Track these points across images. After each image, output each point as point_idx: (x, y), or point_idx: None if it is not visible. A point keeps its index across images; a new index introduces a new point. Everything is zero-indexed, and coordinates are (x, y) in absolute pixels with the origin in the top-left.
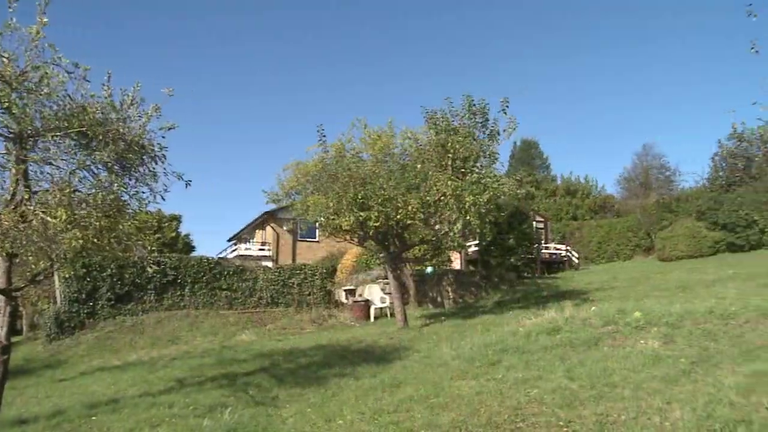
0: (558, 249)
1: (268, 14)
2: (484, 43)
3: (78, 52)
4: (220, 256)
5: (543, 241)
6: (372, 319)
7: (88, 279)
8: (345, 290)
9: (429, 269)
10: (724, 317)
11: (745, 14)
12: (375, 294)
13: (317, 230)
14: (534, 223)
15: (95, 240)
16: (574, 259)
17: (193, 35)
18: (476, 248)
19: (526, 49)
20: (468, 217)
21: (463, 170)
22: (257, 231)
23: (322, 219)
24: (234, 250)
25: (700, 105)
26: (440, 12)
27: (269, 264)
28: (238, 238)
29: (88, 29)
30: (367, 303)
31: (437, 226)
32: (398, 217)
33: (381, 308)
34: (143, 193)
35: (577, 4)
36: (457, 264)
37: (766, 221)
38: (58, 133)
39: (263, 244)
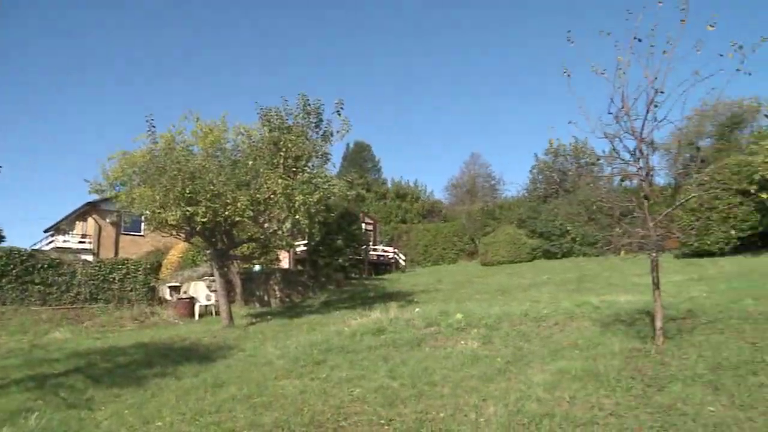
0: (386, 251)
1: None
2: (321, 45)
3: None
4: (35, 248)
5: (371, 243)
6: (197, 317)
7: None
8: (169, 287)
9: (257, 267)
10: (537, 319)
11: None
12: (200, 291)
13: (142, 224)
14: (363, 224)
15: None
16: (401, 261)
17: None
18: (305, 248)
19: (360, 51)
20: (297, 217)
21: (294, 169)
22: (78, 222)
23: (147, 212)
24: (51, 242)
25: (524, 118)
26: (276, 10)
27: (89, 258)
28: (56, 229)
29: None
30: (192, 300)
31: (266, 225)
32: (227, 213)
33: (206, 306)
34: None
35: (407, 9)
36: (285, 263)
37: (577, 231)
38: None
39: (84, 236)
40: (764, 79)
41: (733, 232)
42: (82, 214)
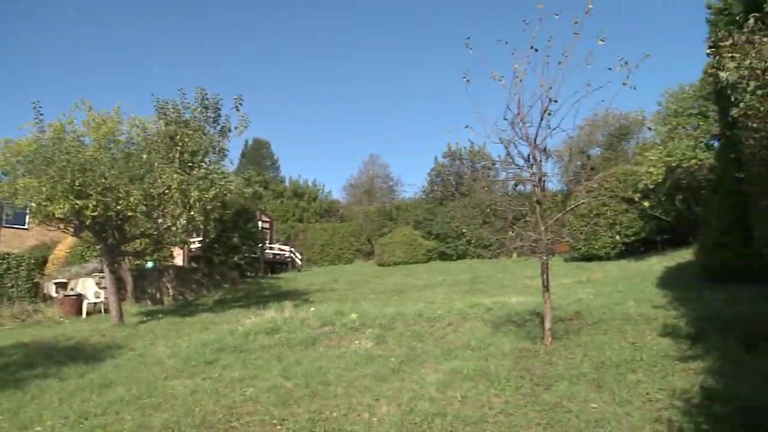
0: (282, 250)
1: None
2: (222, 44)
3: None
4: None
5: (268, 241)
6: (84, 315)
7: None
8: (56, 283)
9: (149, 264)
10: (431, 320)
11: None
12: (89, 288)
13: (27, 216)
14: (260, 222)
15: None
16: (297, 260)
17: None
18: (200, 245)
19: (264, 49)
20: (192, 213)
21: (190, 164)
22: None
23: (32, 205)
24: None
25: (424, 121)
26: (182, 8)
27: None
28: None
29: None
30: (80, 298)
31: (160, 220)
32: (119, 208)
33: (95, 304)
34: None
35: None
36: (179, 260)
37: (472, 233)
38: None
39: None
40: (649, 93)
41: (618, 237)
42: None
